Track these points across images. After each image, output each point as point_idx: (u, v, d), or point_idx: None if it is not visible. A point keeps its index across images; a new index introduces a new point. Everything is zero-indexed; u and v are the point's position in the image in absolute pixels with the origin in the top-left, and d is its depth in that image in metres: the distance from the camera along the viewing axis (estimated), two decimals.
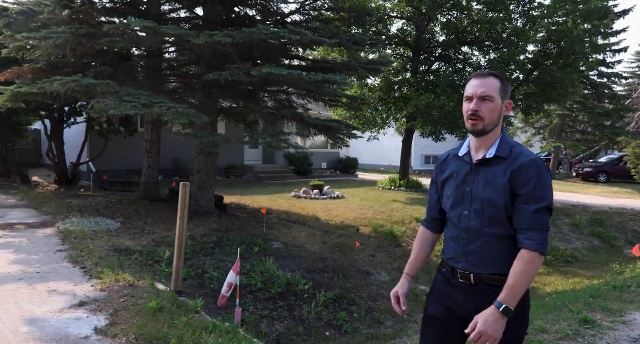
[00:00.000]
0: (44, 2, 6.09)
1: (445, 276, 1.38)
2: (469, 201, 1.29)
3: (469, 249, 1.29)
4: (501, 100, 1.28)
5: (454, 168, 1.37)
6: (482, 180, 1.28)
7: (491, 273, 1.25)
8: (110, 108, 4.09)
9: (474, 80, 1.31)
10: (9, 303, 2.93)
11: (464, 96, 1.35)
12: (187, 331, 2.53)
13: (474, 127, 1.27)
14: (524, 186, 1.21)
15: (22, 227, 5.10)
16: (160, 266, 4.18)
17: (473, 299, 1.27)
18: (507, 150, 1.27)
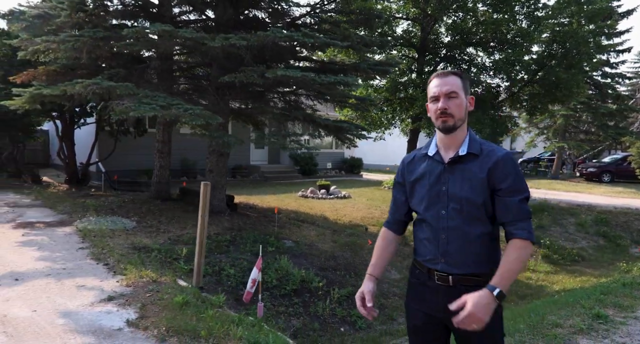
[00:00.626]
0: (59, 6, 6.23)
1: (419, 278, 1.35)
2: (446, 200, 1.27)
3: (448, 249, 1.26)
4: (464, 95, 1.30)
5: (424, 168, 1.35)
6: (458, 178, 1.27)
7: (470, 273, 1.24)
8: (130, 110, 4.21)
9: (436, 80, 1.31)
10: (41, 297, 3.05)
11: (428, 97, 1.34)
12: (216, 323, 2.65)
13: (445, 124, 1.27)
14: (503, 180, 1.22)
15: (41, 226, 5.23)
16: (179, 263, 4.29)
17: (451, 301, 1.22)
18: (477, 147, 1.28)
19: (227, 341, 2.51)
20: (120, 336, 2.55)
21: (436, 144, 1.35)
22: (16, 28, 6.27)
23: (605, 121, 19.50)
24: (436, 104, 1.29)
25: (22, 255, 4.00)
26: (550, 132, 20.29)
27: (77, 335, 2.52)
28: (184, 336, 2.54)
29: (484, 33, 10.68)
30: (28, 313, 2.77)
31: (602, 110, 18.75)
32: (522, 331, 2.50)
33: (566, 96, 11.02)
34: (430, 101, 1.32)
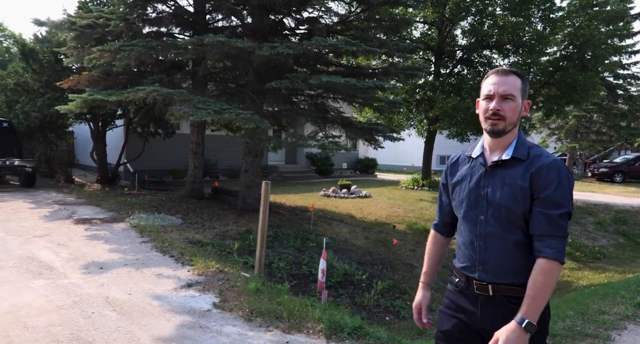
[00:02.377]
0: (107, 16, 6.63)
1: (458, 286, 1.29)
2: (485, 204, 1.20)
3: (486, 257, 1.19)
4: (521, 99, 1.20)
5: (466, 170, 1.29)
6: (499, 183, 1.19)
7: (510, 283, 1.16)
8: (188, 115, 4.56)
9: (494, 77, 1.20)
10: (129, 283, 3.41)
11: (481, 93, 1.24)
12: (294, 306, 2.98)
13: (494, 127, 1.18)
14: (543, 189, 1.12)
15: (98, 222, 5.61)
16: (233, 256, 4.63)
17: (491, 312, 1.18)
18: (524, 151, 1.19)
19: (306, 321, 2.84)
20: (211, 315, 2.89)
21: (482, 145, 1.28)
22: (67, 37, 6.66)
23: (617, 122, 19.60)
24: (489, 103, 1.19)
25: (95, 247, 4.37)
26: (562, 133, 20.43)
27: (175, 314, 2.86)
28: (268, 317, 2.87)
29: (501, 36, 10.93)
30: (125, 296, 3.13)
31: (615, 111, 18.85)
32: (572, 317, 2.79)
33: (582, 98, 11.23)
34: (483, 98, 1.22)
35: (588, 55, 11.08)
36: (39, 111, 8.47)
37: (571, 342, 2.47)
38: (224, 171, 13.00)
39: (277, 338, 2.60)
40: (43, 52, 8.46)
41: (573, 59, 11.20)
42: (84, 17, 6.70)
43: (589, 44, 10.71)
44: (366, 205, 9.16)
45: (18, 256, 3.93)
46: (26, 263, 3.75)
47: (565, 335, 2.55)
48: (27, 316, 2.70)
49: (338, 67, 7.34)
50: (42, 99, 8.21)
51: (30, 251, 4.11)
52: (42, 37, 8.50)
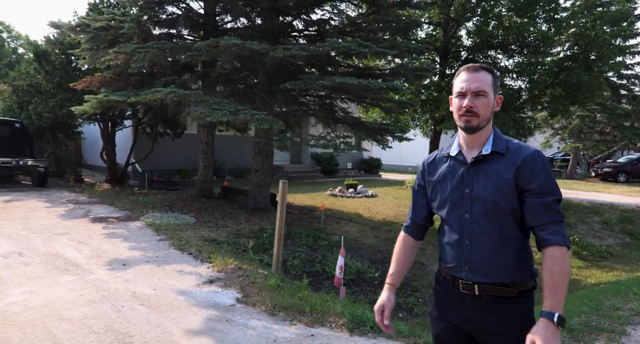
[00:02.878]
0: (117, 18, 6.75)
1: (443, 285, 1.28)
2: (469, 202, 1.18)
3: (473, 256, 1.17)
4: (493, 95, 1.21)
5: (445, 169, 1.27)
6: (482, 179, 1.18)
7: (497, 282, 1.15)
8: (205, 115, 4.66)
9: (465, 74, 1.20)
10: (152, 279, 3.51)
11: (453, 91, 1.25)
12: (315, 301, 3.07)
13: (468, 124, 1.18)
14: (532, 180, 1.12)
15: (113, 220, 5.72)
16: (249, 254, 4.73)
17: (477, 312, 1.17)
18: (502, 145, 1.19)
19: (328, 315, 2.93)
20: (236, 310, 2.99)
21: (459, 143, 1.27)
22: (81, 39, 6.78)
23: (621, 122, 19.63)
24: (462, 101, 1.20)
25: (114, 245, 4.48)
26: (566, 133, 20.48)
27: (201, 308, 2.96)
28: (290, 311, 2.97)
29: (506, 37, 11.00)
30: (151, 291, 3.23)
31: (619, 111, 18.89)
32: (587, 313, 2.88)
33: (587, 98, 11.29)
34: (456, 95, 1.23)
35: (593, 55, 11.14)
36: (51, 112, 8.59)
37: (588, 336, 2.56)
38: (230, 171, 13.11)
39: (301, 331, 2.69)
40: (55, 53, 8.59)
41: (578, 59, 11.26)
42: (97, 20, 6.81)
43: (594, 45, 10.77)
44: (373, 204, 9.26)
45: (43, 253, 4.05)
46: (52, 259, 3.86)
47: (582, 330, 2.63)
48: (61, 309, 2.80)
49: (346, 68, 7.44)
50: (55, 99, 8.34)
51: (54, 248, 4.23)
52: (54, 38, 8.61)
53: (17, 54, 21.94)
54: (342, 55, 5.76)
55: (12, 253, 3.96)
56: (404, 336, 2.67)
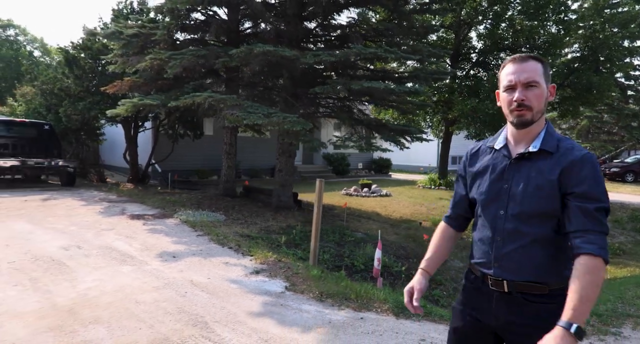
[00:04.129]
0: (147, 25, 7.09)
1: (473, 283, 1.24)
2: (506, 199, 1.13)
3: (503, 252, 1.13)
4: (545, 84, 1.12)
5: (487, 161, 1.21)
6: (524, 176, 1.12)
7: (528, 281, 1.10)
8: (242, 118, 4.97)
9: (512, 66, 1.13)
10: (203, 270, 3.81)
11: (501, 85, 1.16)
12: (359, 289, 3.36)
13: (521, 118, 1.11)
14: (578, 184, 1.05)
15: (150, 218, 6.03)
16: (282, 248, 5.02)
17: (505, 309, 1.13)
18: (553, 143, 1.12)
19: (373, 302, 3.21)
20: (287, 296, 3.28)
21: (505, 136, 1.21)
22: (115, 45, 7.12)
23: (628, 122, 19.76)
24: (512, 94, 1.12)
25: (159, 240, 4.79)
26: (574, 133, 20.65)
27: (255, 295, 3.26)
28: (337, 298, 3.25)
29: (516, 39, 11.24)
30: (206, 280, 3.53)
31: (626, 111, 19.02)
32: (612, 301, 3.14)
33: (597, 99, 11.50)
34: (504, 89, 1.15)
35: (602, 57, 11.34)
36: (79, 114, 8.95)
37: (616, 321, 2.82)
38: (246, 171, 13.43)
39: (351, 315, 2.98)
40: (83, 59, 8.95)
41: (588, 60, 11.46)
42: (128, 27, 7.16)
43: (603, 46, 10.97)
44: (389, 203, 9.52)
45: (98, 245, 4.36)
46: (107, 251, 4.17)
47: (609, 315, 2.89)
48: (133, 294, 3.11)
49: (364, 71, 7.73)
50: (84, 102, 8.69)
51: (106, 241, 4.54)
52: (83, 44, 8.97)
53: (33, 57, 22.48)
54: (363, 60, 6.03)
55: (71, 246, 4.28)
56: (446, 320, 2.94)
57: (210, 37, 8.03)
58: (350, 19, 6.41)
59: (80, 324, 2.57)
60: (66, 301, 2.91)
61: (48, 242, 4.38)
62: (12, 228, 4.92)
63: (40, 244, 4.30)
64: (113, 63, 7.59)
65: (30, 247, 4.17)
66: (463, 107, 9.94)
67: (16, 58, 21.57)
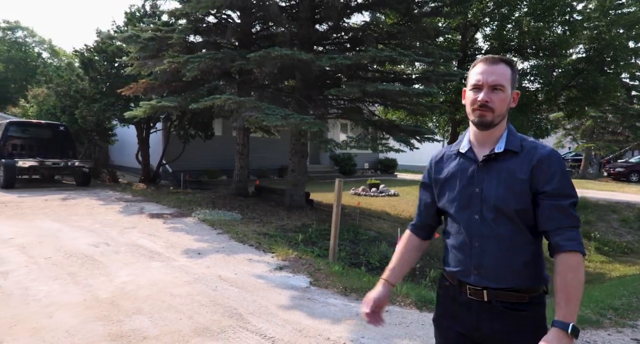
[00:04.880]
0: (162, 28, 7.26)
1: (449, 291, 1.20)
2: (479, 203, 1.11)
3: (483, 259, 1.10)
4: (510, 90, 1.13)
5: (454, 167, 1.20)
6: (494, 178, 1.11)
7: (508, 288, 1.08)
8: (261, 120, 5.12)
9: (482, 66, 1.13)
10: (228, 266, 3.96)
11: (468, 83, 1.16)
12: None
13: (482, 119, 1.11)
14: (548, 181, 1.05)
15: (168, 216, 6.20)
16: (300, 246, 5.17)
17: (486, 320, 1.10)
18: (517, 143, 1.12)
19: (396, 296, 3.35)
20: (312, 291, 3.43)
21: (469, 140, 1.20)
22: (132, 48, 7.30)
23: (633, 122, 19.79)
24: (477, 94, 1.12)
25: (181, 237, 4.95)
26: (578, 133, 20.70)
27: (282, 289, 3.41)
28: (361, 292, 3.40)
29: (522, 40, 11.34)
30: (233, 275, 3.68)
31: (631, 111, 19.05)
32: (627, 296, 3.27)
33: (604, 99, 11.58)
34: (471, 88, 1.15)
35: (608, 57, 11.43)
36: (94, 115, 9.14)
37: (632, 315, 2.96)
38: (254, 171, 13.58)
39: None
40: (99, 61, 9.14)
41: (594, 61, 11.55)
42: (144, 30, 7.34)
43: (610, 47, 11.06)
44: (397, 203, 9.66)
45: (124, 243, 4.53)
46: (134, 248, 4.34)
47: (625, 309, 3.03)
48: (167, 288, 3.27)
49: (375, 74, 7.87)
50: (99, 104, 8.88)
51: (131, 239, 4.71)
52: (98, 47, 9.16)
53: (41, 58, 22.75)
54: (377, 63, 6.18)
55: (100, 243, 4.45)
56: None
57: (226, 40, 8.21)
58: (362, 22, 6.55)
59: (125, 315, 2.73)
60: (106, 294, 3.07)
61: (77, 239, 4.55)
62: (40, 226, 5.10)
63: (70, 241, 4.47)
64: (129, 65, 7.77)
65: (62, 244, 4.34)
66: None
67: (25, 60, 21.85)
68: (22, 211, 5.96)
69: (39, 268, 3.57)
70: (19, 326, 2.49)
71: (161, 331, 2.54)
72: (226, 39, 7.88)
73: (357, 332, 2.66)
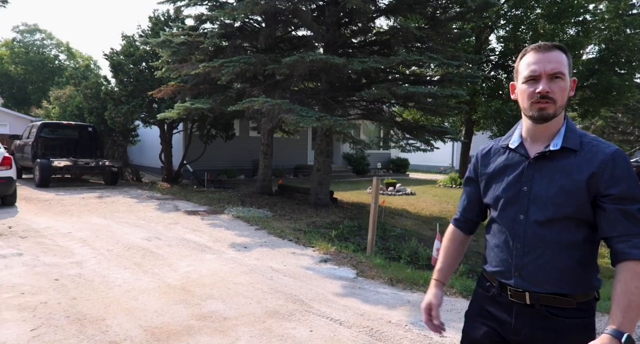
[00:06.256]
0: (191, 33, 7.56)
1: (489, 291, 1.13)
2: (526, 202, 1.04)
3: (525, 261, 1.04)
4: (569, 77, 1.04)
5: (502, 162, 1.12)
6: (546, 177, 1.03)
7: (552, 293, 1.01)
8: (297, 122, 5.38)
9: (536, 55, 1.03)
10: (275, 259, 4.22)
11: (521, 76, 1.07)
12: (426, 275, 3.74)
13: (543, 112, 1.02)
14: (614, 184, 0.97)
15: (204, 213, 6.48)
16: (335, 241, 5.42)
17: (527, 323, 1.04)
18: (576, 140, 1.03)
19: None
20: (360, 281, 3.67)
21: (520, 134, 1.11)
22: (164, 53, 7.61)
23: None
24: (534, 86, 1.03)
25: (223, 233, 5.22)
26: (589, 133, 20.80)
27: (332, 280, 3.65)
28: (407, 283, 3.64)
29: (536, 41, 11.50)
30: (283, 267, 3.94)
31: None
32: None
33: (617, 100, 11.72)
34: (525, 80, 1.05)
35: (622, 58, 11.55)
36: (122, 117, 9.47)
37: None
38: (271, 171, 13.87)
39: (423, 296, 3.36)
40: (126, 64, 9.48)
41: (608, 62, 11.68)
42: (175, 35, 7.64)
43: (624, 48, 11.19)
44: (415, 201, 9.87)
45: (173, 237, 4.81)
46: (184, 242, 4.61)
47: None
48: (227, 277, 3.53)
49: (394, 75, 8.11)
50: (128, 106, 9.21)
51: (178, 234, 4.99)
52: (127, 50, 9.49)
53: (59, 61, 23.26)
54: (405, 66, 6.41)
55: (152, 238, 4.73)
56: None
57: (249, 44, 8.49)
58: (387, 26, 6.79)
59: (199, 299, 3.00)
60: (176, 282, 3.34)
61: (129, 234, 4.84)
62: (90, 222, 5.40)
63: (123, 235, 4.76)
64: (160, 69, 8.08)
65: (118, 238, 4.63)
66: (487, 108, 10.25)
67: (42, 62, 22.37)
68: (67, 208, 6.28)
69: (106, 258, 3.85)
70: (113, 307, 2.76)
71: (237, 313, 2.80)
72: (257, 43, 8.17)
73: (414, 316, 2.90)
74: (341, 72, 6.06)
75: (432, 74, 7.86)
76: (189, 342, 2.35)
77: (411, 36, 6.09)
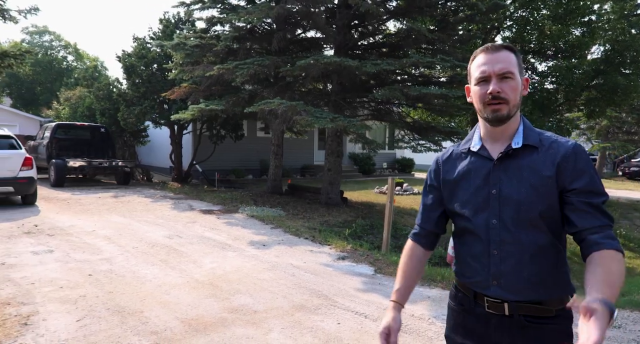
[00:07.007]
0: (204, 35, 7.70)
1: (463, 304, 1.10)
2: (497, 205, 1.02)
3: (502, 268, 1.01)
4: (520, 76, 1.04)
5: (465, 166, 1.09)
6: (514, 177, 1.01)
7: (532, 301, 0.99)
8: (312, 123, 5.51)
9: (484, 56, 1.03)
10: (294, 256, 4.35)
11: (473, 78, 1.06)
12: (443, 272, 3.85)
13: (497, 113, 1.01)
14: (577, 178, 0.97)
15: (219, 212, 6.62)
16: (349, 239, 5.54)
17: (506, 336, 1.02)
18: (535, 137, 1.04)
19: (433, 280, 3.70)
20: (379, 278, 3.79)
21: (480, 137, 1.10)
22: (178, 55, 7.76)
23: None
24: (485, 87, 1.03)
25: (240, 231, 5.35)
26: (593, 133, 20.79)
27: (351, 276, 3.78)
28: (424, 279, 3.76)
29: (542, 42, 11.58)
30: (302, 263, 4.07)
31: None
32: None
33: (623, 100, 11.77)
34: (477, 82, 1.05)
35: (628, 59, 11.61)
36: (134, 118, 9.63)
37: None
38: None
39: (442, 292, 3.48)
40: (139, 66, 9.64)
41: (614, 62, 11.74)
42: (187, 37, 7.79)
43: (630, 49, 11.24)
44: None
45: (193, 235, 4.95)
46: (204, 240, 4.75)
47: None
48: (251, 273, 3.66)
49: (402, 76, 8.22)
50: (141, 107, 9.37)
51: (197, 232, 5.13)
52: (139, 52, 9.65)
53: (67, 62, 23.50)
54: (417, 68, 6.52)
55: (173, 236, 4.87)
56: None
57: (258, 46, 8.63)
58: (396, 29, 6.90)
59: (228, 294, 3.13)
60: (203, 277, 3.48)
61: (151, 232, 4.99)
62: (111, 220, 5.55)
63: (145, 234, 4.90)
64: (173, 70, 8.23)
65: (140, 236, 4.77)
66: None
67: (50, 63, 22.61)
68: (86, 208, 6.44)
69: (133, 255, 4.00)
70: (148, 300, 2.90)
71: (265, 306, 2.93)
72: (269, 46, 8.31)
73: (435, 310, 3.02)
74: (353, 74, 6.17)
75: (440, 75, 7.97)
76: (225, 333, 2.48)
77: (422, 38, 6.20)
